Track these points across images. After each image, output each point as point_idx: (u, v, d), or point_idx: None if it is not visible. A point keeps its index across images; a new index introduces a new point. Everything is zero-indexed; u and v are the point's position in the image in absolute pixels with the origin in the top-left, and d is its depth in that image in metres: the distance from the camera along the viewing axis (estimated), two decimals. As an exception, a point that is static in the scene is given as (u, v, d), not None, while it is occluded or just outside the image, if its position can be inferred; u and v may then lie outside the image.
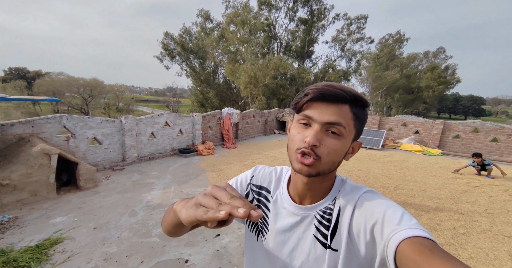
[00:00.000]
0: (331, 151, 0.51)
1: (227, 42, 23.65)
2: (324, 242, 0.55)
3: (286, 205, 0.62)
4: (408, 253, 0.39)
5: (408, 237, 0.41)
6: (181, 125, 6.71)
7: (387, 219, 0.47)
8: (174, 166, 5.69)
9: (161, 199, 3.90)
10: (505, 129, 7.39)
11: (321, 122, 0.50)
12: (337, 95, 0.49)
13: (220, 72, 27.14)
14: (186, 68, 24.19)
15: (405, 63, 31.94)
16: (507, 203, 4.11)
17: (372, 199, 0.52)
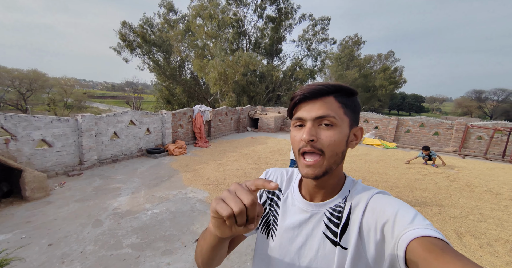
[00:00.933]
0: (331, 142, 0.52)
1: (194, 36, 22.67)
2: (333, 239, 0.55)
3: (296, 202, 0.63)
4: (419, 252, 0.39)
5: (420, 236, 0.41)
6: (148, 124, 6.20)
7: (398, 218, 0.46)
8: (143, 168, 5.25)
9: (130, 205, 3.56)
10: (444, 124, 8.62)
11: (311, 118, 0.53)
12: (319, 91, 0.52)
13: (188, 68, 25.95)
14: (149, 62, 22.49)
15: (363, 64, 34.77)
16: (449, 188, 4.80)
17: (385, 200, 0.52)
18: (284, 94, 23.32)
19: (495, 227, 3.18)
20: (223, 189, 4.29)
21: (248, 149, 7.51)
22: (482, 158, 7.53)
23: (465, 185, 4.90)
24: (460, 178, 5.41)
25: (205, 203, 3.76)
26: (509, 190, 4.70)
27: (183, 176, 4.88)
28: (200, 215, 3.37)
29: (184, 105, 24.79)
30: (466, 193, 4.49)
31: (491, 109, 40.60)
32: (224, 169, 5.42)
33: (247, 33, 23.22)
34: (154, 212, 3.39)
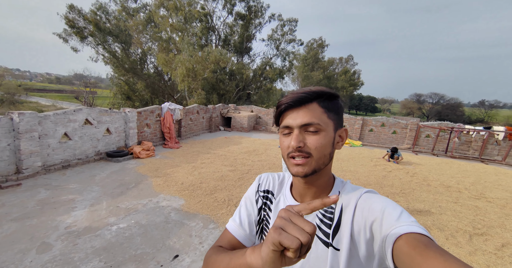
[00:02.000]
0: (318, 145, 0.54)
1: (158, 28, 21.08)
2: (325, 240, 0.56)
3: None
4: (404, 248, 0.40)
5: (405, 233, 0.42)
6: (109, 123, 5.41)
7: (385, 216, 0.47)
8: (103, 174, 4.55)
9: (88, 220, 3.00)
10: (400, 124, 9.60)
11: (297, 126, 0.55)
12: (302, 98, 0.55)
13: (151, 61, 24.07)
14: (104, 53, 20.12)
15: (326, 66, 36.90)
16: (411, 183, 5.29)
17: (372, 198, 0.54)
18: (254, 93, 23.34)
19: (453, 219, 3.55)
20: (201, 195, 3.98)
21: (222, 150, 7.20)
22: (430, 153, 8.60)
23: (422, 180, 5.46)
24: (418, 173, 6.03)
25: (181, 211, 3.40)
26: (456, 183, 5.39)
27: (153, 182, 4.38)
28: (176, 227, 3.02)
29: (147, 102, 22.98)
30: (425, 187, 5.00)
31: (427, 110, 47.25)
32: (200, 172, 5.05)
33: (216, 29, 22.53)
34: (121, 227, 2.92)
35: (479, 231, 3.20)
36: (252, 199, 0.74)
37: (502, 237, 3.08)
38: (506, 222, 3.53)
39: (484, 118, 44.04)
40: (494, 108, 48.43)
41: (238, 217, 0.73)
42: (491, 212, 3.84)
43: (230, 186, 4.43)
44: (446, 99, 48.03)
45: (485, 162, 7.79)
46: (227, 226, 0.72)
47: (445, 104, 47.12)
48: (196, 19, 20.95)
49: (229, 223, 0.72)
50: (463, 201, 4.26)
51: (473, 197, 4.50)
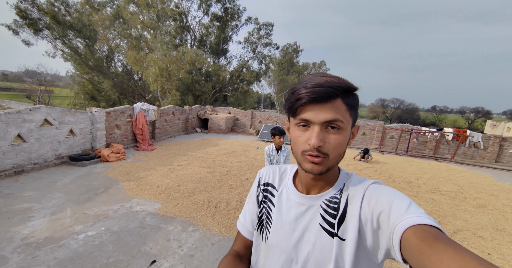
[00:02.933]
0: (336, 145, 0.52)
1: (127, 25, 19.94)
2: (330, 230, 0.55)
3: (292, 196, 0.64)
4: (413, 240, 0.39)
5: (415, 224, 0.41)
6: (72, 124, 4.94)
7: (394, 207, 0.46)
8: (66, 180, 4.13)
9: (50, 230, 2.71)
10: (369, 126, 10.38)
11: (319, 122, 0.51)
12: (328, 94, 0.50)
13: (119, 59, 22.61)
14: (63, 48, 18.36)
15: (301, 70, 38.27)
16: (379, 180, 5.74)
17: (380, 189, 0.53)
18: (231, 95, 23.26)
19: None
20: (179, 197, 3.84)
21: (200, 152, 7.03)
22: (394, 153, 9.43)
23: (389, 177, 5.97)
24: (384, 171, 6.57)
25: (157, 216, 3.24)
26: (416, 179, 5.99)
27: (125, 186, 4.10)
28: (152, 231, 2.87)
29: (114, 103, 21.49)
30: (391, 183, 5.47)
31: (390, 114, 51.77)
32: (176, 175, 4.87)
33: (192, 29, 22.04)
34: (89, 235, 2.68)
35: (435, 220, 3.60)
36: (253, 195, 0.74)
37: (454, 225, 3.50)
38: (456, 211, 4.02)
39: (436, 121, 49.60)
40: (444, 113, 54.94)
41: (243, 215, 0.76)
42: (444, 203, 4.35)
43: (209, 187, 4.35)
44: (405, 104, 53.19)
45: (438, 160, 8.79)
46: (237, 225, 0.76)
47: (405, 108, 52.13)
48: (169, 17, 20.29)
49: (237, 222, 0.76)
50: (422, 195, 4.75)
51: (429, 191, 5.04)
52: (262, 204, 0.70)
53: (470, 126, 43.75)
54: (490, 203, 4.54)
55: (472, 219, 3.73)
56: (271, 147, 2.87)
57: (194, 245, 2.69)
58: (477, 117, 46.22)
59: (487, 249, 2.90)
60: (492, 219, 3.81)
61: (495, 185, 5.96)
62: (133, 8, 20.17)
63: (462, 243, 3.00)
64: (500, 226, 3.55)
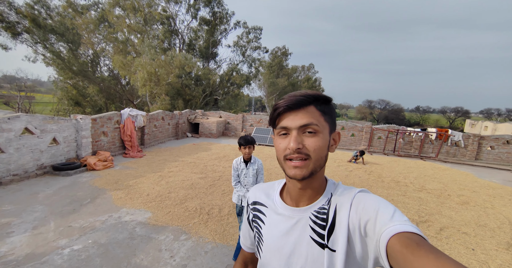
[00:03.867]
0: (316, 147, 0.55)
1: (113, 28, 19.54)
2: (320, 242, 0.55)
3: (280, 210, 0.64)
4: (397, 247, 0.41)
5: (399, 232, 0.43)
6: (56, 132, 4.74)
7: (379, 215, 0.48)
8: (48, 191, 3.95)
9: (31, 246, 2.57)
10: (357, 127, 10.64)
11: (296, 127, 0.56)
12: (300, 101, 0.56)
13: (105, 64, 22.08)
14: (45, 52, 17.74)
15: (290, 73, 38.73)
16: (369, 180, 5.86)
17: (366, 198, 0.55)
18: (222, 98, 23.18)
19: (403, 210, 4.06)
20: (170, 205, 3.76)
21: (191, 157, 6.93)
22: (382, 153, 9.70)
23: (378, 177, 6.11)
24: (373, 171, 6.73)
25: (148, 225, 3.15)
26: (403, 178, 6.17)
27: (113, 195, 3.97)
28: (143, 242, 2.79)
29: (100, 109, 20.91)
30: (380, 183, 5.60)
31: (377, 115, 53.28)
32: (167, 181, 4.77)
33: (180, 33, 21.89)
34: (75, 249, 2.57)
35: (423, 219, 3.71)
36: (245, 217, 0.77)
37: (440, 222, 3.63)
38: (441, 209, 4.17)
39: (420, 121, 51.48)
40: (427, 113, 57.20)
41: (242, 234, 0.80)
42: (430, 201, 4.50)
43: (202, 193, 4.29)
44: (391, 105, 54.96)
45: (423, 159, 9.12)
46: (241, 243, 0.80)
47: (391, 109, 53.84)
48: (157, 21, 20.08)
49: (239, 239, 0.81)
50: (409, 194, 4.90)
51: (416, 190, 5.21)
52: (253, 223, 0.71)
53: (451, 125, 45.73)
54: (472, 200, 4.74)
55: (456, 216, 3.88)
56: (239, 160, 2.49)
57: (187, 254, 2.64)
58: (457, 116, 48.45)
59: (471, 244, 3.02)
60: (475, 215, 3.98)
61: (476, 181, 6.25)
62: (118, 12, 19.82)
63: (448, 240, 3.11)
64: (482, 221, 3.72)
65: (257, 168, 2.48)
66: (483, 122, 21.54)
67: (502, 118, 42.60)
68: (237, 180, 2.51)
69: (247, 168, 2.46)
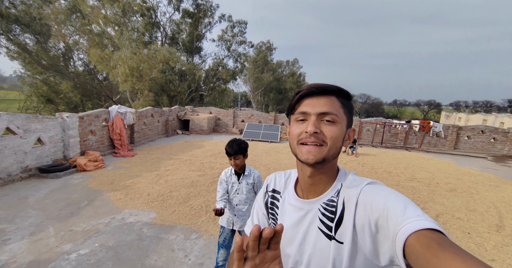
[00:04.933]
0: (333, 136, 0.55)
1: (87, 20, 18.22)
2: (328, 233, 0.56)
3: (292, 202, 0.65)
4: (417, 248, 0.39)
5: (415, 230, 0.40)
6: (40, 131, 4.36)
7: (390, 212, 0.46)
8: (38, 195, 3.66)
9: (33, 252, 2.39)
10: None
11: (316, 113, 0.56)
12: (325, 88, 0.57)
13: (79, 58, 20.62)
14: (9, 45, 16.21)
15: (275, 68, 38.77)
16: (363, 172, 6.07)
17: (374, 191, 0.53)
18: (208, 94, 22.71)
19: None
20: (174, 204, 3.66)
21: (186, 154, 6.75)
22: (370, 145, 10.13)
23: (371, 168, 6.39)
24: (366, 163, 7.01)
25: (155, 226, 3.05)
26: (394, 169, 6.51)
27: (112, 196, 3.78)
28: (153, 243, 2.70)
29: (76, 106, 19.66)
30: (374, 174, 5.86)
31: (358, 108, 55.36)
32: (166, 180, 4.62)
33: (162, 26, 20.92)
34: (82, 254, 2.43)
35: (419, 206, 3.94)
36: (261, 202, 0.76)
37: (435, 209, 3.88)
38: (433, 196, 4.46)
39: (397, 114, 54.30)
40: (403, 106, 60.43)
41: (251, 220, 0.77)
42: (422, 190, 4.80)
43: (204, 191, 4.22)
44: (371, 99, 57.31)
45: (408, 150, 9.67)
46: (244, 230, 0.76)
47: (371, 103, 56.16)
48: (136, 12, 19.01)
49: (245, 227, 0.76)
50: (402, 183, 5.18)
51: (408, 179, 5.52)
52: (269, 210, 0.72)
53: (425, 117, 48.75)
54: (459, 186, 5.12)
55: (448, 203, 4.18)
56: (229, 171, 1.95)
57: (201, 252, 2.59)
58: (430, 109, 51.74)
59: (466, 229, 3.28)
60: (464, 201, 4.30)
61: (458, 169, 6.75)
62: (93, 2, 18.48)
63: (445, 226, 3.34)
64: (471, 206, 4.04)
65: (254, 182, 1.91)
66: (457, 114, 23.23)
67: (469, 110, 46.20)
68: (224, 196, 1.90)
69: (239, 182, 1.90)
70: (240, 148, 1.77)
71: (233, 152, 1.76)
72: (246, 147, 1.83)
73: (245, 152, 1.81)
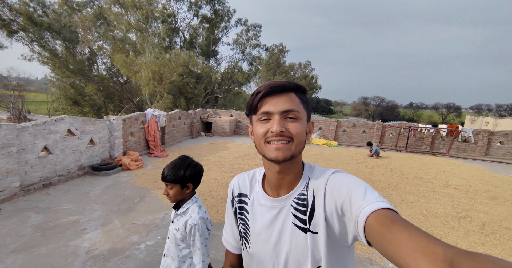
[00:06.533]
0: (298, 132, 0.57)
1: (112, 26, 19.21)
2: (303, 227, 0.58)
3: (263, 202, 0.65)
4: (374, 226, 0.43)
5: (373, 211, 0.45)
6: (92, 133, 4.75)
7: (353, 196, 0.50)
8: (96, 191, 3.99)
9: (109, 241, 2.65)
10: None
11: (279, 111, 0.56)
12: (284, 86, 0.57)
13: (103, 62, 21.69)
14: (41, 51, 17.34)
15: (287, 71, 38.75)
16: (393, 177, 5.92)
17: (339, 179, 0.56)
18: (223, 96, 23.13)
19: (439, 206, 4.18)
20: (216, 204, 3.88)
21: (214, 156, 7.00)
22: (394, 149, 9.97)
23: (400, 174, 6.29)
24: (394, 168, 6.92)
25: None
26: (425, 174, 6.37)
27: (159, 194, 4.05)
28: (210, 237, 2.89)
29: (100, 108, 20.67)
30: (405, 180, 5.76)
31: (372, 111, 54.06)
32: (202, 181, 4.83)
33: (181, 31, 21.65)
34: (149, 245, 2.66)
35: (461, 214, 3.86)
36: (230, 209, 0.75)
37: (479, 218, 3.77)
38: (474, 204, 4.34)
39: (414, 117, 52.45)
40: (420, 109, 58.37)
41: (225, 230, 0.78)
42: (460, 197, 4.69)
43: (242, 192, 4.39)
44: (386, 101, 55.83)
45: (435, 155, 9.42)
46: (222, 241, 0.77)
47: (385, 106, 54.69)
48: (158, 19, 19.82)
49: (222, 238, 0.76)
50: (438, 190, 5.08)
51: (443, 186, 5.40)
52: (238, 215, 0.71)
53: (443, 121, 46.81)
54: (500, 195, 4.95)
55: (492, 211, 4.05)
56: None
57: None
58: (449, 112, 49.61)
59: (517, 238, 3.18)
60: (509, 209, 4.16)
61: (495, 176, 6.51)
62: (118, 9, 19.46)
63: (494, 236, 3.23)
64: (518, 215, 3.91)
65: (189, 225, 1.16)
66: (484, 118, 22.08)
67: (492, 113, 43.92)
68: None
69: (172, 220, 1.28)
70: (177, 175, 1.15)
71: (164, 177, 1.17)
72: (193, 175, 1.19)
73: (184, 181, 1.17)
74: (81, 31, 18.90)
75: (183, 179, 1.17)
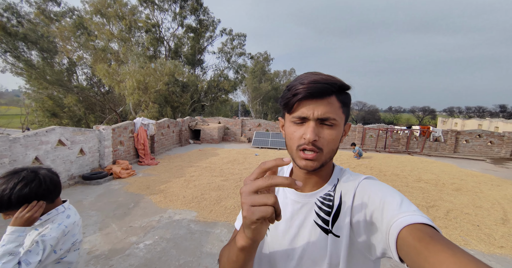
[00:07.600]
0: (330, 140, 0.54)
1: (93, 36, 18.99)
2: (325, 227, 0.56)
3: (288, 194, 0.64)
4: (409, 240, 0.39)
5: (409, 224, 0.41)
6: (82, 143, 4.80)
7: (386, 205, 0.47)
8: (90, 199, 4.04)
9: (108, 243, 2.79)
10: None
11: (314, 118, 0.53)
12: (324, 90, 0.52)
13: (83, 72, 21.23)
14: (15, 61, 16.76)
15: (273, 78, 39.70)
16: (372, 174, 6.49)
17: (371, 185, 0.54)
18: (210, 104, 23.30)
19: (412, 198, 4.65)
20: (209, 205, 4.06)
21: (204, 162, 7.17)
22: (374, 150, 10.65)
23: (379, 171, 6.85)
24: (374, 166, 7.48)
25: (199, 222, 3.45)
26: (401, 171, 6.95)
27: (153, 199, 4.18)
28: (204, 235, 3.10)
29: (80, 119, 20.08)
30: (382, 176, 6.31)
31: (355, 116, 56.42)
32: (195, 185, 5.02)
33: (165, 40, 21.81)
34: (148, 244, 2.83)
35: (430, 204, 4.35)
36: None
37: (444, 206, 4.26)
38: (441, 195, 4.88)
39: (393, 120, 55.33)
40: (399, 113, 61.83)
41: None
42: (430, 190, 5.23)
43: (232, 194, 4.61)
44: (367, 106, 58.64)
45: (411, 154, 10.20)
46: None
47: (367, 110, 57.39)
48: (142, 29, 19.90)
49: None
50: (411, 184, 5.62)
51: (416, 181, 5.96)
52: None
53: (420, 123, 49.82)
54: (463, 186, 5.56)
55: (455, 200, 4.60)
56: None
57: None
58: (425, 115, 52.95)
59: (475, 222, 3.67)
60: (470, 198, 4.72)
61: (461, 171, 7.24)
62: (99, 19, 19.32)
63: (456, 220, 3.73)
64: (477, 203, 4.46)
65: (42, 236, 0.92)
66: (453, 119, 24.15)
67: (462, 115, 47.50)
68: None
69: None
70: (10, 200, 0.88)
71: None
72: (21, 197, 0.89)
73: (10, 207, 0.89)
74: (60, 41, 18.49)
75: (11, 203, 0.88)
